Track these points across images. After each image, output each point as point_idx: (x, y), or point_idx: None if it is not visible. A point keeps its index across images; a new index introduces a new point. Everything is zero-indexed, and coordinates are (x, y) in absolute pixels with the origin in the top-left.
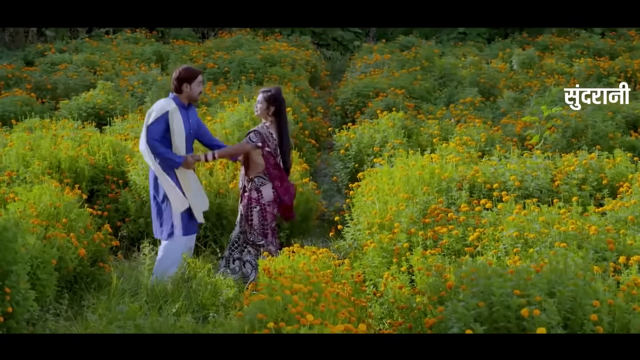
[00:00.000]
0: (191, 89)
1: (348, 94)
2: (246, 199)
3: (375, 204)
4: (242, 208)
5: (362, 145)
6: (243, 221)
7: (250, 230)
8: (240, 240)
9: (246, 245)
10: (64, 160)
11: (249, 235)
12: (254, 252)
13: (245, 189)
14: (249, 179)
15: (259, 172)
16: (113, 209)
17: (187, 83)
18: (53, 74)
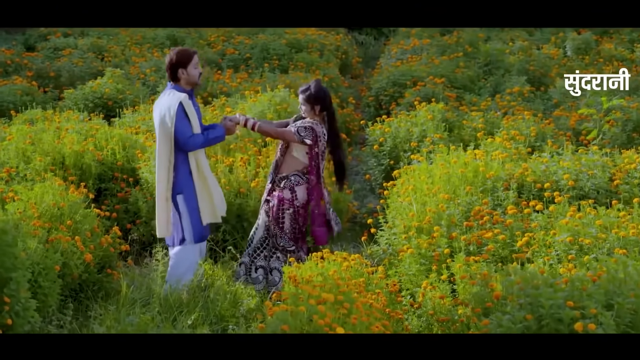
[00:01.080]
0: (188, 74)
1: (382, 83)
2: (277, 199)
3: (412, 205)
4: (270, 209)
5: (397, 140)
6: (272, 224)
7: (281, 234)
8: (268, 246)
9: (275, 251)
10: (69, 156)
11: (279, 240)
12: (283, 259)
13: (274, 186)
14: (283, 175)
15: (298, 170)
16: (122, 209)
17: (182, 68)
18: (56, 60)
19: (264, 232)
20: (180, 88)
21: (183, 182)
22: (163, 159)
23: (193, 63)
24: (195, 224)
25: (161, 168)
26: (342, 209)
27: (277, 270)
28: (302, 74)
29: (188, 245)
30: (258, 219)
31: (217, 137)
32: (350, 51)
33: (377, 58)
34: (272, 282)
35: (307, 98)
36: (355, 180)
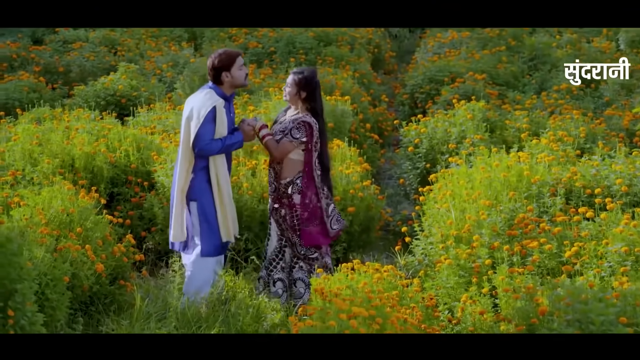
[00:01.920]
0: (232, 76)
1: (418, 80)
2: (287, 206)
3: (450, 212)
4: (282, 218)
5: (434, 142)
6: (289, 233)
7: (300, 241)
8: (284, 257)
9: (297, 261)
10: (79, 158)
11: (299, 249)
12: (307, 268)
13: (280, 194)
14: (288, 181)
15: (301, 171)
16: (137, 216)
17: (226, 71)
18: (66, 55)
19: (277, 243)
20: (220, 91)
21: (199, 189)
22: (184, 159)
23: (237, 65)
24: (210, 236)
25: (182, 168)
26: (374, 216)
27: (301, 280)
28: (331, 70)
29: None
30: (269, 230)
31: (235, 144)
32: (383, 45)
33: (412, 52)
34: (298, 294)
35: (298, 81)
36: (389, 185)
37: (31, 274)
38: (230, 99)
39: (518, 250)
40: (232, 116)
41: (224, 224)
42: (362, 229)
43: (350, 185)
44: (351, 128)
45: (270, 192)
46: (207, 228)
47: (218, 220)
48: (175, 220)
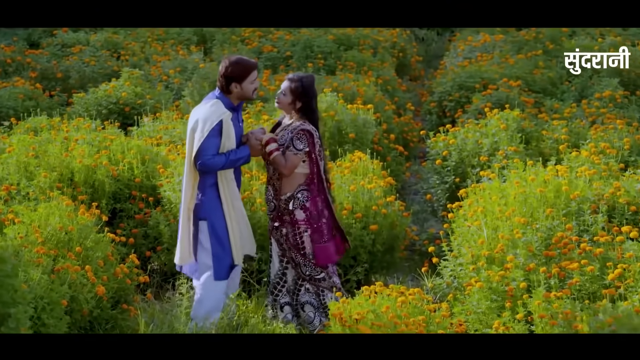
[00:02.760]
0: (242, 89)
1: (447, 87)
2: (289, 223)
3: (482, 231)
4: (284, 237)
5: (464, 154)
6: (292, 253)
7: (305, 261)
8: (287, 280)
9: (302, 283)
10: (78, 171)
11: (303, 269)
12: (314, 290)
13: (281, 210)
14: (288, 196)
15: (302, 184)
16: (141, 234)
17: (237, 82)
18: (64, 59)
19: (279, 265)
20: (228, 101)
21: (209, 208)
22: (189, 174)
23: (251, 78)
24: (222, 257)
25: (187, 184)
26: (399, 235)
27: (309, 304)
28: (351, 76)
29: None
30: (270, 252)
31: (241, 159)
32: (408, 49)
33: (440, 57)
34: (307, 319)
35: (295, 89)
36: (414, 200)
37: (26, 297)
38: (238, 109)
39: (556, 272)
40: (240, 126)
41: (235, 245)
42: (386, 248)
43: (373, 201)
44: (374, 139)
45: (269, 211)
46: (218, 248)
47: (230, 241)
48: (181, 241)
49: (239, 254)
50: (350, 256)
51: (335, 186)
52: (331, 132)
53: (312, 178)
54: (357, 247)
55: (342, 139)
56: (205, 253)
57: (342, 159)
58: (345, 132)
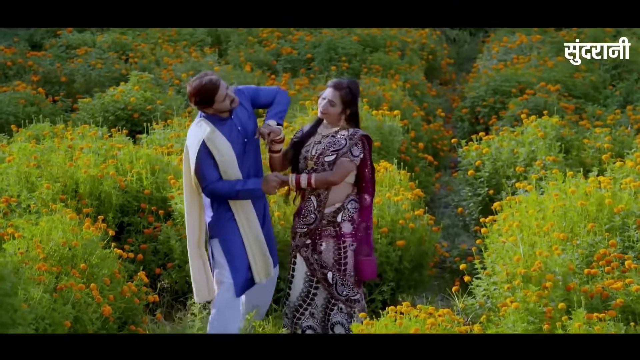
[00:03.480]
0: (215, 109)
1: (480, 91)
2: (333, 238)
3: (518, 247)
4: (319, 254)
5: (499, 164)
6: (326, 271)
7: (344, 280)
8: (316, 301)
9: (335, 302)
10: (83, 182)
11: (340, 289)
12: (347, 310)
13: (322, 225)
14: (337, 207)
15: (351, 194)
16: (150, 250)
17: (207, 105)
18: (69, 62)
19: (305, 286)
20: (211, 117)
21: (220, 226)
22: (192, 206)
23: (218, 99)
24: (240, 271)
25: (192, 216)
26: (428, 251)
27: (340, 325)
28: (377, 80)
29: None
30: (292, 271)
31: (250, 191)
32: (439, 50)
33: (473, 59)
34: None
35: (345, 96)
36: (445, 214)
37: (27, 317)
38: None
39: (598, 292)
40: (240, 131)
41: (254, 260)
42: (414, 265)
43: (400, 214)
44: (401, 148)
45: (305, 224)
46: (235, 263)
47: (248, 256)
48: (196, 280)
49: (259, 270)
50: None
51: None
52: None
53: (365, 187)
54: (383, 264)
55: None
56: (219, 269)
57: None
58: None
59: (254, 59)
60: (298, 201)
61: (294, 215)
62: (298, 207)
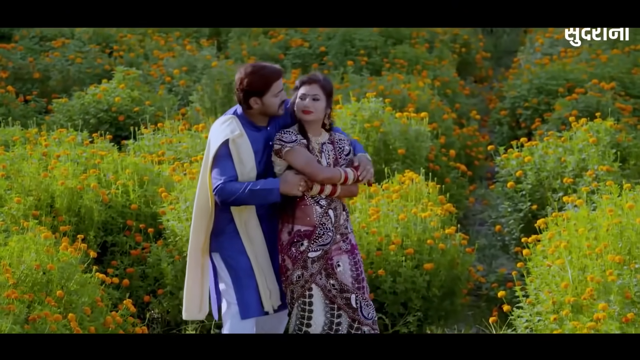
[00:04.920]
0: (264, 104)
1: (522, 90)
2: (347, 253)
3: (566, 272)
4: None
5: (543, 175)
6: (347, 294)
7: (366, 300)
8: (343, 329)
9: (359, 326)
10: (60, 196)
11: (365, 311)
12: (373, 334)
13: (337, 241)
14: (346, 216)
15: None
16: (138, 274)
17: (257, 97)
18: (43, 55)
19: (326, 317)
20: (247, 120)
21: (223, 240)
22: (201, 211)
23: (273, 90)
24: (246, 290)
25: (199, 222)
26: (460, 276)
27: None
28: (402, 77)
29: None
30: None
31: (266, 192)
32: (473, 42)
33: (513, 52)
34: None
35: (327, 85)
36: (480, 233)
37: None
38: (270, 125)
39: None
40: (271, 145)
41: (263, 286)
42: (444, 293)
43: (428, 233)
44: (429, 156)
45: (321, 246)
46: (242, 280)
47: (257, 279)
48: (189, 291)
49: (267, 298)
50: (400, 302)
51: (381, 214)
52: (375, 147)
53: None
54: (408, 290)
55: (389, 155)
56: (225, 286)
57: (389, 180)
58: (394, 147)
59: (258, 52)
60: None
61: (297, 239)
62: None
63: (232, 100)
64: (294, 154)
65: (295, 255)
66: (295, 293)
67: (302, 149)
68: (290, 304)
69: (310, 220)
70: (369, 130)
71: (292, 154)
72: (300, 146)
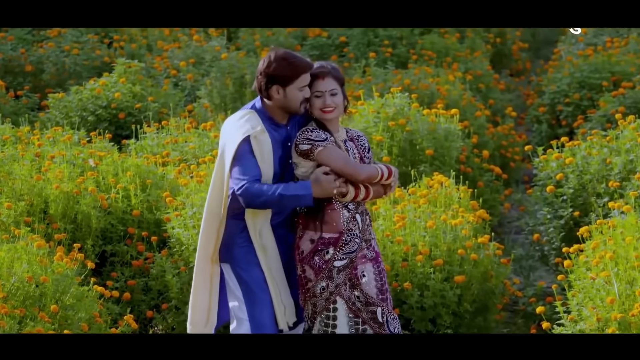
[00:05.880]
0: (287, 96)
1: (562, 85)
2: (370, 261)
3: (611, 285)
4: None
5: (587, 178)
6: (379, 305)
7: (390, 311)
8: None
9: None
10: (55, 201)
11: (391, 325)
12: None
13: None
14: (369, 221)
15: None
16: (140, 287)
17: (280, 86)
18: (36, 46)
19: (350, 332)
20: (266, 114)
21: (235, 250)
22: (211, 215)
23: (299, 83)
24: (259, 303)
25: (209, 226)
26: (495, 289)
27: None
28: (430, 70)
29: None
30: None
31: (298, 198)
32: (509, 32)
33: (553, 43)
34: None
35: (338, 76)
36: (517, 241)
37: None
38: (281, 126)
39: None
40: (290, 146)
41: (277, 301)
42: (477, 308)
43: (459, 242)
44: (460, 157)
45: (347, 254)
46: (254, 295)
47: (271, 294)
48: (196, 301)
49: (282, 314)
50: (428, 318)
51: (407, 222)
52: (401, 147)
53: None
54: (437, 306)
55: (416, 156)
56: (235, 301)
57: (415, 184)
58: (421, 148)
59: (272, 43)
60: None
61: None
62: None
63: (244, 95)
64: (330, 153)
65: (319, 264)
66: (318, 306)
67: (336, 148)
68: (311, 319)
69: (336, 226)
70: (394, 129)
71: (326, 153)
72: (333, 145)
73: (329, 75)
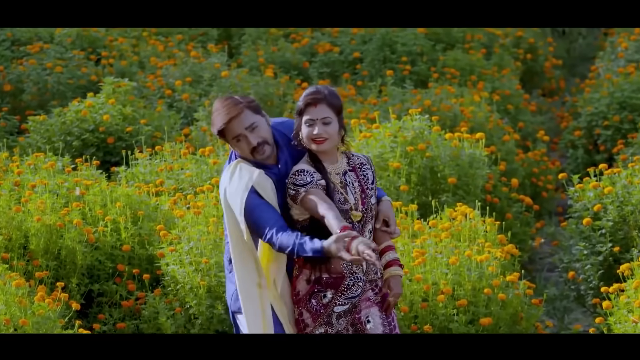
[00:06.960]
0: (238, 147)
1: (601, 106)
2: (374, 304)
3: None
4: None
5: (628, 209)
6: None
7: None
8: None
9: None
10: (36, 235)
11: None
12: None
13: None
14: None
15: None
16: (130, 330)
17: (222, 138)
18: (16, 63)
19: None
20: (250, 160)
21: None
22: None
23: (228, 135)
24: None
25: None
26: (527, 331)
27: None
28: (453, 89)
29: None
30: None
31: (314, 251)
32: (541, 47)
33: (591, 59)
34: None
35: (335, 101)
36: (550, 280)
37: None
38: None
39: None
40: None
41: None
42: None
43: (485, 280)
44: (486, 186)
45: (349, 299)
46: None
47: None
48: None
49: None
50: None
51: (428, 257)
52: (420, 175)
53: None
54: None
55: (437, 185)
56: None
57: (437, 215)
58: (443, 176)
59: (278, 59)
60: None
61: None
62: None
63: None
64: (310, 200)
65: (316, 308)
66: None
67: (320, 194)
68: None
69: (336, 268)
70: (413, 154)
71: (307, 201)
72: (317, 188)
73: (322, 101)
